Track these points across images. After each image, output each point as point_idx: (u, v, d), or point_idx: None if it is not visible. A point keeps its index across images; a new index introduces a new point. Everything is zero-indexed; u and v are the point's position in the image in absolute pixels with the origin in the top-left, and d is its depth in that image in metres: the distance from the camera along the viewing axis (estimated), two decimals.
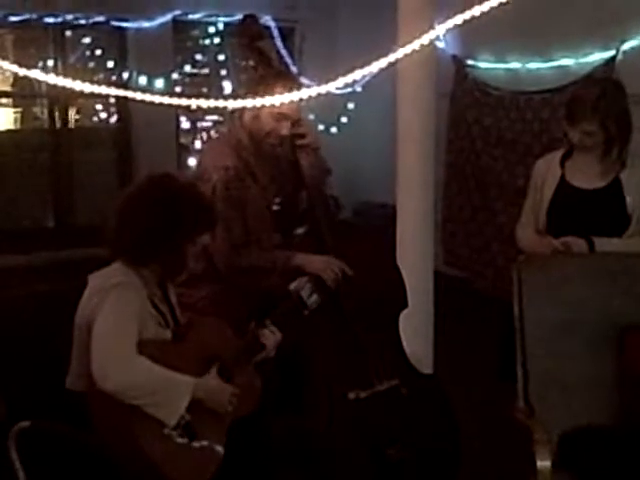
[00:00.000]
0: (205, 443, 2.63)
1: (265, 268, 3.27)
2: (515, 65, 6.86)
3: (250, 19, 3.41)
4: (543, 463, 2.69)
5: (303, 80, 8.10)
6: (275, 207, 3.60)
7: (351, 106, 8.70)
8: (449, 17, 1.71)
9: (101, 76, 8.90)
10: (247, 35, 3.40)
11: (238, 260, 3.29)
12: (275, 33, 8.99)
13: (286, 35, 9.09)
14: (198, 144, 9.67)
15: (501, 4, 1.64)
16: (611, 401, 3.01)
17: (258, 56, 3.41)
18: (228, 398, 2.70)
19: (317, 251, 3.34)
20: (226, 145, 3.46)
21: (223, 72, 9.35)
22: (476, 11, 1.66)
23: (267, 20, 8.94)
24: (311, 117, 7.70)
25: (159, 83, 8.68)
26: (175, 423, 2.53)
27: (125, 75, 8.83)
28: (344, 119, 8.82)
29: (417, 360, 3.54)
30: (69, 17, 8.34)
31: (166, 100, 1.90)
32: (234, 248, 3.28)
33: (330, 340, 3.32)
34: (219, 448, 2.67)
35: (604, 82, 4.34)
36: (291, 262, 3.27)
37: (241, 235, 3.31)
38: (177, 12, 8.74)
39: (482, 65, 7.23)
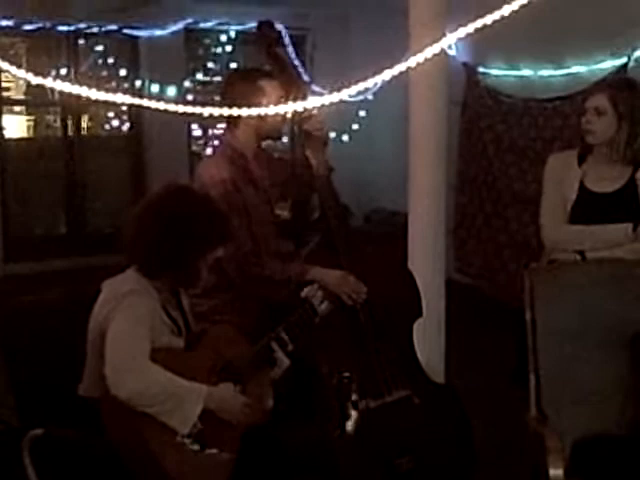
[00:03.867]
0: (216, 451, 2.63)
1: (278, 281, 3.25)
2: (527, 72, 6.85)
3: (266, 25, 3.40)
4: (556, 471, 2.68)
5: (314, 88, 8.13)
6: (285, 214, 3.60)
7: (362, 114, 8.71)
8: (461, 25, 1.71)
9: (113, 84, 8.94)
10: (264, 41, 3.39)
11: (251, 270, 3.28)
12: (287, 41, 9.02)
13: (298, 43, 9.12)
14: (210, 151, 9.69)
15: (513, 12, 1.64)
16: (624, 408, 2.99)
17: (274, 62, 3.41)
18: (240, 408, 2.70)
19: (330, 260, 3.32)
20: (221, 157, 3.45)
21: None
22: (488, 19, 1.65)
23: (279, 28, 8.97)
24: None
25: (171, 91, 8.73)
26: (187, 431, 2.54)
27: (137, 83, 8.88)
28: (356, 127, 8.84)
29: (429, 368, 3.53)
30: (82, 25, 8.39)
31: (179, 108, 1.91)
32: (245, 257, 3.27)
33: (341, 348, 3.31)
34: (229, 455, 2.67)
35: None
36: (305, 276, 3.24)
37: (249, 243, 3.30)
38: (189, 20, 8.78)
39: (494, 72, 7.23)
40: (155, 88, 8.74)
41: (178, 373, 2.56)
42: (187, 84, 9.18)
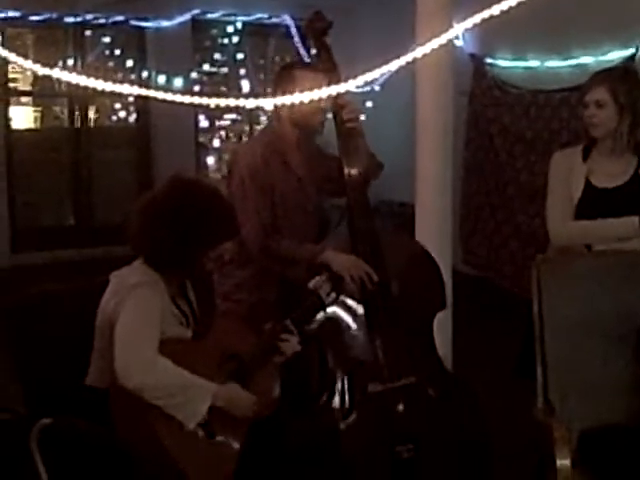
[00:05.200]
0: (223, 438, 2.64)
1: (292, 259, 3.29)
2: (534, 63, 6.84)
3: (317, 15, 3.46)
4: (563, 462, 2.68)
5: None
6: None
7: (369, 105, 8.69)
8: (468, 16, 1.71)
9: (120, 75, 8.95)
10: (315, 29, 3.46)
11: (267, 242, 3.32)
12: (294, 31, 9.02)
13: (305, 34, 9.11)
14: (217, 143, 9.71)
15: (520, 3, 1.63)
16: (631, 399, 2.99)
17: (323, 51, 3.46)
18: (248, 406, 2.70)
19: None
20: (260, 137, 3.64)
21: (242, 71, 9.38)
22: (495, 10, 1.65)
23: (285, 19, 8.96)
24: (330, 115, 7.71)
25: (178, 82, 8.73)
26: (194, 426, 2.55)
27: (144, 74, 8.89)
28: (362, 118, 8.81)
29: None
30: (89, 17, 8.40)
31: (185, 99, 1.91)
32: (265, 231, 3.32)
33: (349, 332, 3.32)
34: (236, 445, 2.68)
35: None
36: (318, 258, 3.27)
37: (270, 218, 3.35)
38: (196, 11, 8.78)
39: (501, 63, 7.22)
40: (162, 79, 8.74)
41: (186, 364, 2.56)
42: (194, 75, 9.19)
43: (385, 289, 3.31)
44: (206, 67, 9.60)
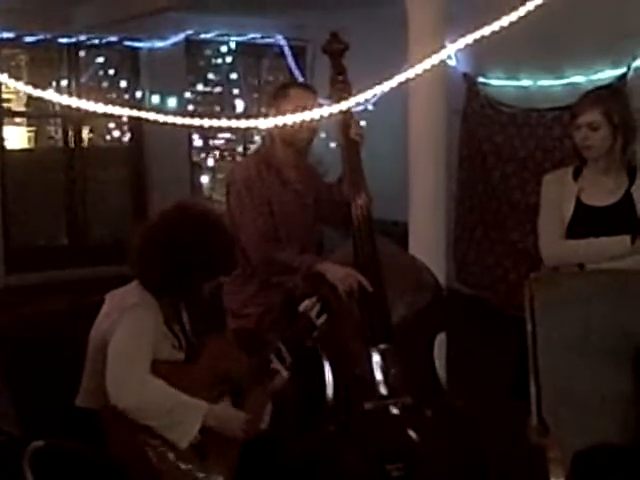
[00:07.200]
0: (214, 460, 2.63)
1: (291, 267, 3.32)
2: (526, 82, 6.87)
3: (335, 37, 3.49)
4: None
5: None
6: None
7: (362, 124, 8.72)
8: (460, 36, 1.71)
9: (114, 95, 8.97)
10: (333, 51, 3.49)
11: (269, 251, 3.36)
12: (287, 52, 9.06)
13: (298, 54, 9.16)
14: (211, 162, 9.72)
15: (512, 23, 1.64)
16: (626, 419, 2.99)
17: (340, 73, 3.48)
18: (239, 426, 2.69)
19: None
20: (254, 155, 3.72)
21: (235, 91, 9.41)
22: (487, 30, 1.65)
23: (278, 39, 9.00)
24: (322, 135, 7.73)
25: (172, 102, 8.76)
26: (186, 445, 2.54)
27: (138, 94, 8.90)
28: None
29: None
30: (82, 37, 8.43)
31: (178, 120, 1.91)
32: (264, 239, 3.37)
33: (345, 349, 3.33)
34: (228, 466, 2.66)
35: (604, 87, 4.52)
36: (315, 267, 3.30)
37: (268, 227, 3.40)
38: (189, 32, 8.80)
39: (493, 82, 7.25)
40: (156, 99, 8.77)
41: (179, 386, 2.56)
42: (188, 95, 9.21)
43: (383, 306, 3.31)
44: (200, 87, 9.62)
